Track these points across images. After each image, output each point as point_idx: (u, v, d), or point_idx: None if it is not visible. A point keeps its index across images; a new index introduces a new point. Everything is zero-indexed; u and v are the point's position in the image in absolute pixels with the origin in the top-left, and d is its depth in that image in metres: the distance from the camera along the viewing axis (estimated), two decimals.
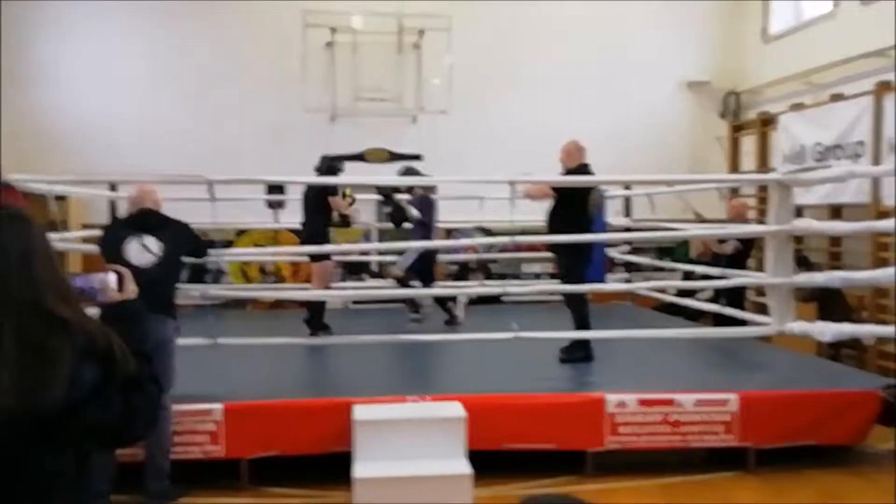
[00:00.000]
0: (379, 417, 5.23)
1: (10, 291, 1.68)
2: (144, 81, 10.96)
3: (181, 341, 5.81)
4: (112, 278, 2.07)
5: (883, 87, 8.37)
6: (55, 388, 1.64)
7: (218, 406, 5.37)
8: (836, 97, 9.30)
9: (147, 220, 5.15)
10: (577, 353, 6.74)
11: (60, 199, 7.85)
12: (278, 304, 10.53)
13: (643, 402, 5.64)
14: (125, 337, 1.82)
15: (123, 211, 9.65)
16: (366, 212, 11.02)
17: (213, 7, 11.01)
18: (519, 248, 11.08)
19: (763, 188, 9.95)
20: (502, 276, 11.16)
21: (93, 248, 5.60)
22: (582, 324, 6.74)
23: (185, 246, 5.31)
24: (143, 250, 4.94)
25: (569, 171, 6.76)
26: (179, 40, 11.06)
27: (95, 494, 1.90)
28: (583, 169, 6.74)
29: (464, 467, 5.01)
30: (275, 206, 10.21)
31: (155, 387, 1.90)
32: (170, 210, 5.46)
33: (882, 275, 6.13)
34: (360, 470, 4.97)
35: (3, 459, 1.65)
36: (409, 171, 8.32)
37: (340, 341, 6.96)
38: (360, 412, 5.25)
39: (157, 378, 1.93)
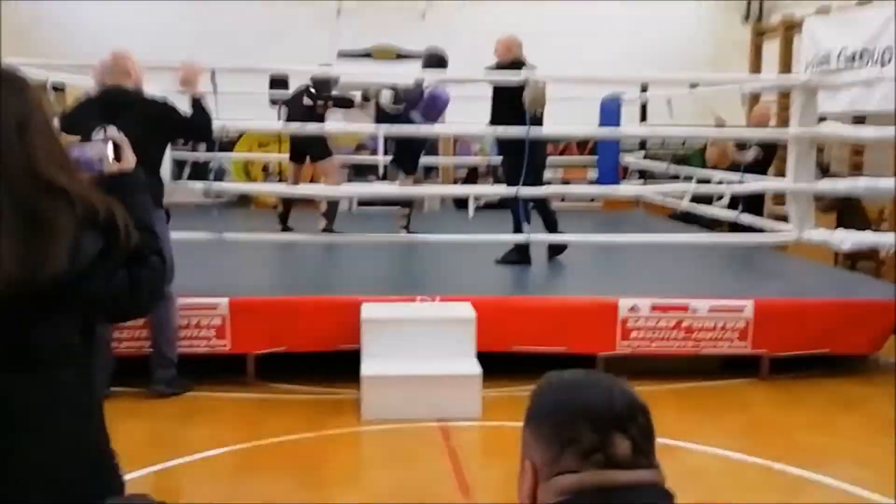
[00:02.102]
0: (387, 316, 5.12)
1: (6, 160, 1.58)
2: None
3: (186, 235, 5.71)
4: (110, 148, 1.93)
5: None
6: (57, 258, 1.57)
7: (223, 300, 5.26)
8: (864, 1, 8.92)
9: (114, 100, 4.48)
10: (512, 256, 6.53)
11: (58, 90, 7.55)
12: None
13: (656, 308, 5.53)
14: (126, 209, 1.73)
15: None
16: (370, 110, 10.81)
17: None
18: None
19: (785, 96, 9.65)
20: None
21: None
22: (553, 227, 6.55)
23: (161, 132, 4.68)
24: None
25: (499, 67, 6.42)
26: None
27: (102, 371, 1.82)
28: (516, 64, 6.36)
29: (473, 367, 4.92)
30: (279, 102, 9.92)
31: (159, 259, 1.82)
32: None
33: None
34: (367, 367, 4.89)
35: (6, 333, 1.60)
36: (432, 60, 7.68)
37: (349, 240, 6.80)
38: (369, 310, 5.14)
39: (161, 251, 1.84)
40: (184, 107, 4.95)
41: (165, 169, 8.22)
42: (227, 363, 5.35)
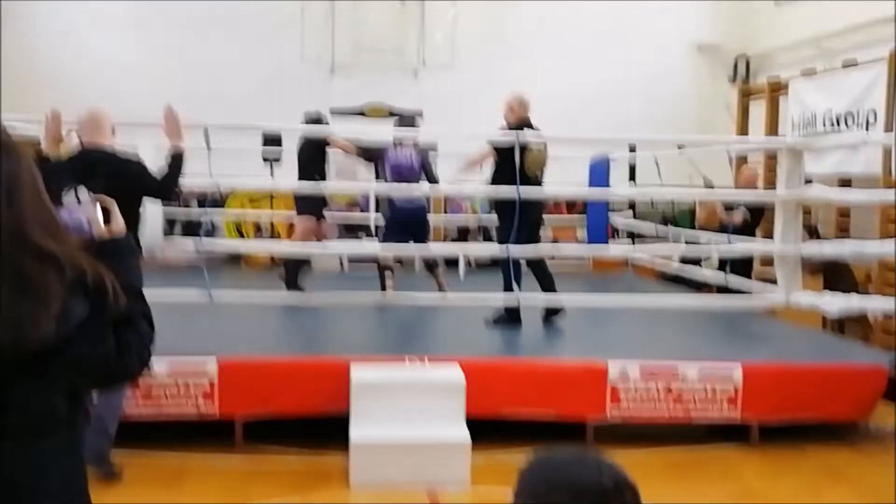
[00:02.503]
0: (377, 380, 5.09)
1: None
2: (142, 26, 10.74)
3: (175, 294, 5.71)
4: (99, 211, 1.95)
5: None
6: (45, 322, 1.57)
7: (212, 362, 5.23)
8: (849, 63, 9.09)
9: (86, 160, 4.28)
10: (502, 318, 6.49)
11: None
12: (273, 262, 10.36)
13: (645, 372, 5.52)
14: (115, 273, 1.74)
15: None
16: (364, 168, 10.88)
17: None
18: None
19: (772, 157, 9.77)
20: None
21: None
22: (550, 287, 6.54)
23: (131, 192, 4.35)
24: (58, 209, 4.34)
25: (509, 127, 6.48)
26: None
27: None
28: (521, 126, 6.43)
29: (462, 434, 4.89)
30: (271, 159, 9.99)
31: (147, 324, 1.84)
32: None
33: (893, 247, 5.99)
34: (357, 433, 4.85)
35: None
36: (405, 122, 7.81)
37: (338, 300, 6.79)
38: (358, 374, 5.12)
39: (149, 315, 1.85)
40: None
41: (157, 225, 8.31)
42: (214, 425, 5.30)
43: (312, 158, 7.54)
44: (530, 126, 6.46)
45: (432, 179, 7.48)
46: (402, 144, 7.42)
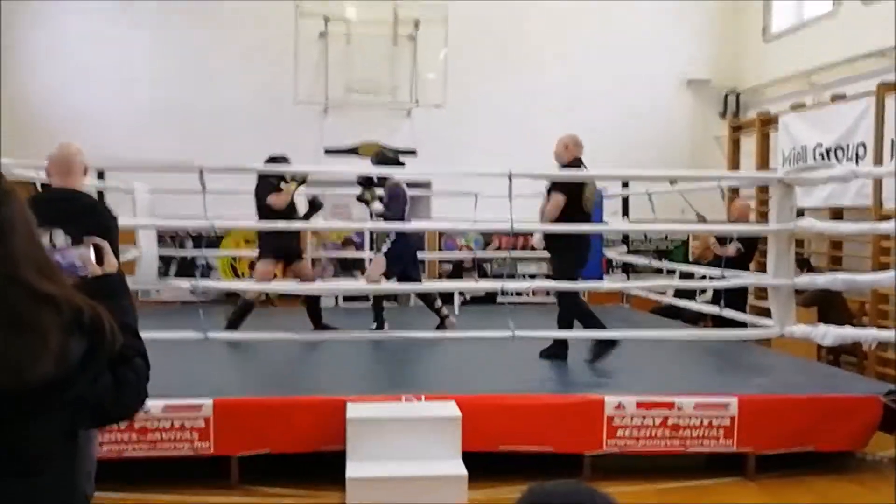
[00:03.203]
0: (373, 416, 5.10)
1: None
2: (134, 69, 10.83)
3: (171, 335, 5.72)
4: (92, 251, 1.98)
5: (885, 88, 8.27)
6: (43, 361, 1.59)
7: (208, 401, 5.23)
8: (838, 98, 9.20)
9: (61, 204, 3.95)
10: (553, 351, 6.63)
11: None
12: (269, 301, 10.38)
13: (642, 405, 5.52)
14: (110, 311, 1.76)
15: (112, 200, 9.62)
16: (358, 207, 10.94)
17: None
18: (514, 246, 11.00)
19: (763, 190, 9.86)
20: (498, 276, 11.02)
21: None
22: (565, 324, 6.59)
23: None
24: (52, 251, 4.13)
25: (562, 166, 6.63)
26: (170, 28, 10.95)
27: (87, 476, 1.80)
28: (576, 164, 6.61)
29: (459, 468, 4.89)
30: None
31: (143, 362, 1.86)
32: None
33: (884, 277, 6.04)
34: (353, 470, 4.84)
35: None
36: (382, 159, 7.73)
37: (334, 337, 6.81)
38: (354, 410, 5.12)
39: (144, 352, 1.89)
40: None
41: (153, 266, 8.33)
42: (210, 465, 5.28)
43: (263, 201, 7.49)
44: (581, 165, 6.63)
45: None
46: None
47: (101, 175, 9.24)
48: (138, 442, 5.11)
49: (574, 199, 6.45)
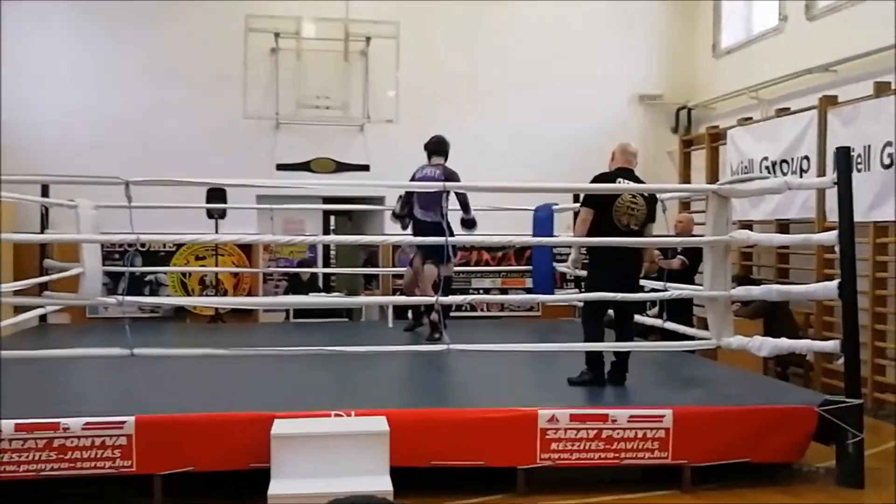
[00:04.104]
0: (297, 432, 5.01)
1: None
2: (80, 82, 10.72)
3: (97, 352, 5.62)
4: None
5: (827, 102, 8.35)
6: None
7: (129, 419, 5.11)
8: (783, 112, 9.28)
9: None
10: (584, 376, 6.32)
11: None
12: (218, 317, 10.26)
13: (575, 418, 5.47)
14: None
15: (56, 216, 9.48)
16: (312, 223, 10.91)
17: (153, 8, 10.77)
18: (468, 262, 10.98)
19: None
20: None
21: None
22: (591, 352, 6.35)
23: None
24: None
25: (595, 179, 6.41)
26: (117, 39, 10.85)
27: None
28: (611, 176, 6.35)
29: (385, 485, 4.80)
30: (215, 215, 9.94)
31: None
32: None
33: (819, 288, 6.05)
34: (275, 487, 4.75)
35: None
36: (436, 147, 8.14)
37: (265, 352, 6.68)
38: (279, 427, 5.03)
39: None
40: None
41: (97, 282, 8.18)
42: (133, 484, 5.17)
43: None
44: (627, 176, 6.34)
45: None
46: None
47: (45, 191, 9.12)
48: (57, 460, 4.99)
49: (604, 213, 6.17)
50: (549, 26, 11.41)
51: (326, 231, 11.30)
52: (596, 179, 6.41)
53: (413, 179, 7.93)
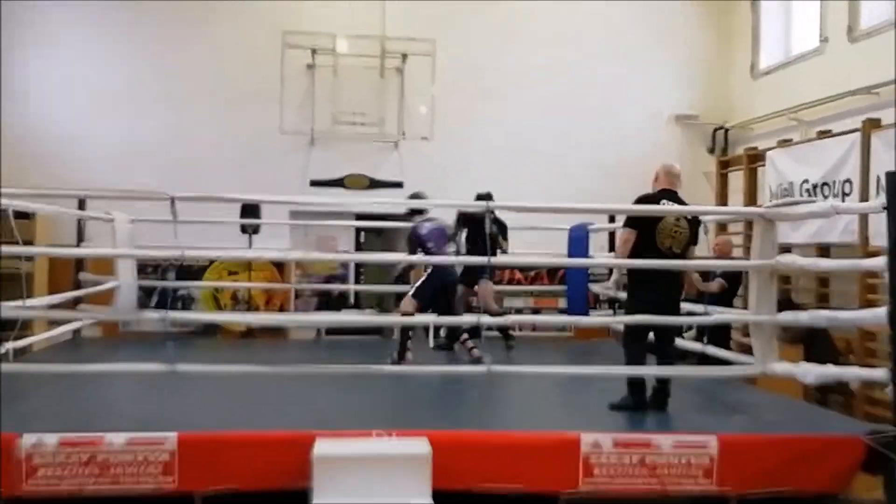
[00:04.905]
0: (339, 453, 4.96)
1: None
2: (118, 97, 10.82)
3: (138, 367, 5.60)
4: None
5: (871, 125, 8.24)
6: None
7: (172, 435, 5.09)
8: (824, 134, 9.17)
9: None
10: (626, 401, 6.19)
11: (24, 216, 7.46)
12: (249, 333, 10.25)
13: (619, 444, 5.39)
14: None
15: (92, 230, 9.54)
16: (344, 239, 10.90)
17: (190, 23, 10.87)
18: (503, 280, 10.92)
19: (751, 226, 9.78)
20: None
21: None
22: (629, 363, 6.26)
23: None
24: None
25: (638, 200, 6.33)
26: (154, 55, 10.93)
27: None
28: (654, 198, 6.27)
29: None
30: (249, 230, 9.96)
31: None
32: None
33: (868, 315, 5.92)
34: None
35: None
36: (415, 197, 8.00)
37: (306, 371, 6.65)
38: (321, 447, 4.98)
39: None
40: None
41: (132, 297, 8.20)
42: (173, 503, 5.14)
43: None
44: (671, 198, 6.25)
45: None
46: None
47: (81, 204, 9.17)
48: (100, 476, 4.97)
49: (647, 235, 6.05)
50: (588, 45, 11.37)
51: (359, 247, 11.28)
52: (640, 200, 6.31)
53: (423, 233, 7.82)
